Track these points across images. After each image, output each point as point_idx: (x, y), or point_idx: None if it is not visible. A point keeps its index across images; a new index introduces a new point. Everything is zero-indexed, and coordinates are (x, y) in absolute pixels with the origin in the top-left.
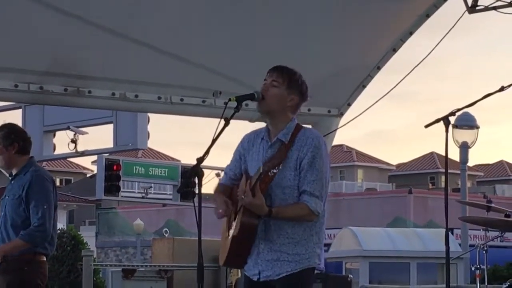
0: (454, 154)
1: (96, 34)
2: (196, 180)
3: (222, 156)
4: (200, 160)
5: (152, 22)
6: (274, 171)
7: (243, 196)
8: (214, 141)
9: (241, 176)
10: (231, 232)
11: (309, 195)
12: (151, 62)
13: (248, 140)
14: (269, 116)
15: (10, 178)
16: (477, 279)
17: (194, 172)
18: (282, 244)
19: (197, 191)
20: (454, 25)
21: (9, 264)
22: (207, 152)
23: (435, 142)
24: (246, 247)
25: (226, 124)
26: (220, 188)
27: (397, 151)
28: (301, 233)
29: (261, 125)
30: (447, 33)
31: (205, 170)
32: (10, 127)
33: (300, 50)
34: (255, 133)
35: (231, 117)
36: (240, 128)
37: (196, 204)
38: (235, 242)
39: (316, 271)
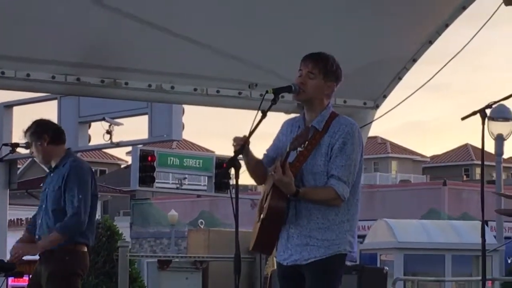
0: (489, 146)
1: (133, 26)
2: (233, 172)
3: (256, 148)
4: (238, 152)
5: (189, 14)
6: (300, 149)
7: (273, 173)
8: (251, 133)
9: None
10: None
11: (336, 179)
12: (188, 54)
13: (287, 126)
14: (306, 104)
15: (49, 171)
16: None
17: (231, 164)
18: (311, 229)
19: (232, 183)
20: (490, 18)
21: (51, 254)
22: (244, 144)
23: (469, 134)
24: (274, 231)
25: (263, 116)
26: None
27: (431, 143)
28: (331, 219)
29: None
30: (482, 26)
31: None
32: (36, 123)
33: (336, 42)
34: (294, 120)
35: (268, 109)
36: (275, 120)
37: (233, 195)
38: (263, 225)
39: (349, 261)
